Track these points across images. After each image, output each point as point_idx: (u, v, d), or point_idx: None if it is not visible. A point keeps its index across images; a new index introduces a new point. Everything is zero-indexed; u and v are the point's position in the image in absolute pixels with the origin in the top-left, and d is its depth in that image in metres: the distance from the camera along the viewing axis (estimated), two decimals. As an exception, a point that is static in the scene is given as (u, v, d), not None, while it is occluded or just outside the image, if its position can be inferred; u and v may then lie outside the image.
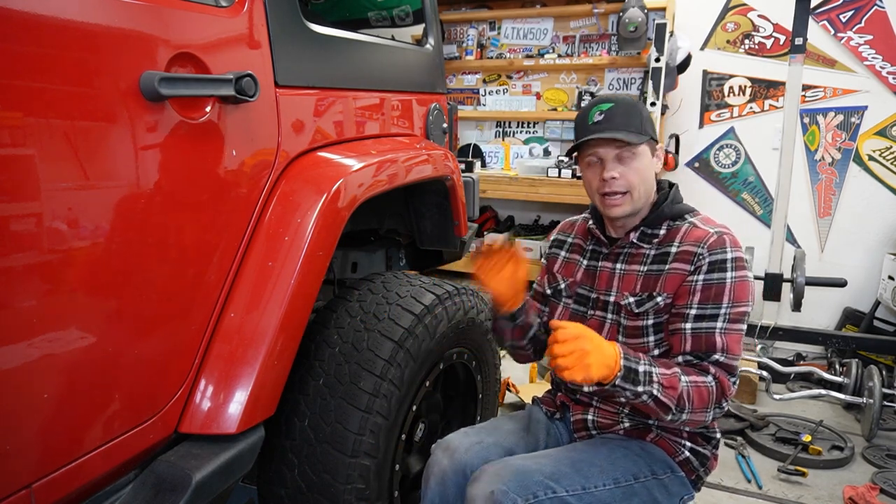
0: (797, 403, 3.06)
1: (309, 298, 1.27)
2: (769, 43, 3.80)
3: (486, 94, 4.46)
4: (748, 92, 3.89)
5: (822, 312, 3.78)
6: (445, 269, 2.88)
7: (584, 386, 1.35)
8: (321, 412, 1.33)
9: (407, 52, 1.95)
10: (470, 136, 4.54)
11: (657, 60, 3.46)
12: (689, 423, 1.22)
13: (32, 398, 0.89)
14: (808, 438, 2.57)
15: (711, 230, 1.28)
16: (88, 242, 0.94)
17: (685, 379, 1.18)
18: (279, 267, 1.22)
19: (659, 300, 1.29)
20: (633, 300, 1.32)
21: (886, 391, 2.66)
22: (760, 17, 3.79)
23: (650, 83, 3.50)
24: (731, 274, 1.24)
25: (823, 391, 2.84)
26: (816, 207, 3.82)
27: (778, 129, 3.43)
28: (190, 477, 1.05)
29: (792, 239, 3.82)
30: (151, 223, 1.03)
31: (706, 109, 4.00)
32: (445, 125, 2.09)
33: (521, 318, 1.43)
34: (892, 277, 3.34)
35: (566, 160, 3.77)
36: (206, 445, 1.13)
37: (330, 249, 1.32)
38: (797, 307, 3.01)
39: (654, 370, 1.16)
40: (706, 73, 3.95)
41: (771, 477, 2.40)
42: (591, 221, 1.46)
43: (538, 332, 1.49)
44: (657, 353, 1.31)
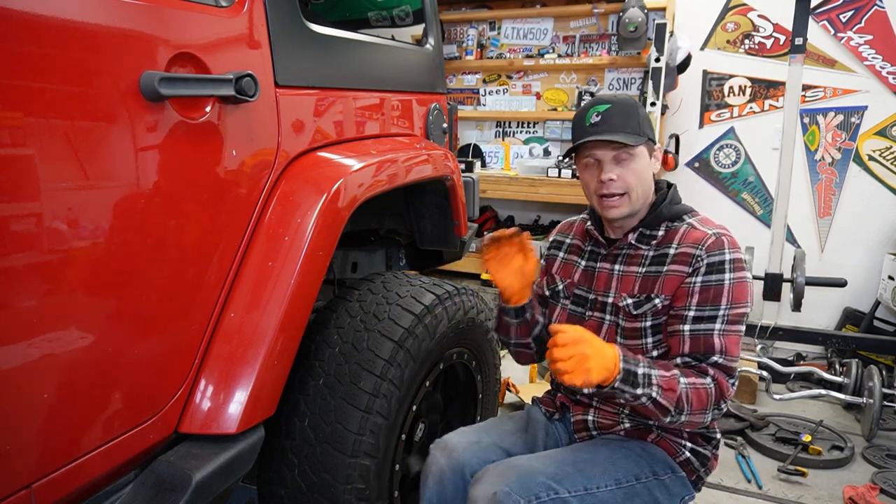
0: (797, 403, 3.06)
1: (309, 298, 1.27)
2: (769, 43, 3.80)
3: (486, 94, 4.46)
4: (748, 92, 3.88)
5: (822, 312, 3.78)
6: (445, 269, 2.88)
7: (583, 389, 1.35)
8: (321, 412, 1.33)
9: (407, 52, 1.95)
10: (470, 136, 4.54)
11: (657, 60, 3.45)
12: (687, 424, 1.22)
13: (32, 398, 0.89)
14: (808, 438, 2.57)
15: (710, 231, 1.28)
16: (88, 242, 0.94)
17: (684, 381, 1.18)
18: (279, 267, 1.22)
19: (657, 302, 1.29)
20: (631, 302, 1.32)
21: (886, 391, 2.66)
22: (760, 17, 3.79)
23: (650, 83, 3.50)
24: (729, 275, 1.23)
25: (823, 391, 2.84)
26: (816, 207, 3.82)
27: (778, 129, 3.43)
28: (190, 477, 1.05)
29: (792, 239, 3.82)
30: (151, 223, 1.03)
31: (706, 109, 3.99)
32: (445, 125, 2.09)
33: (527, 312, 1.43)
34: (892, 277, 3.34)
35: (565, 161, 3.77)
36: (206, 445, 1.13)
37: (330, 249, 1.32)
38: (797, 307, 3.01)
39: (653, 372, 1.16)
40: (706, 73, 3.95)
41: (771, 477, 2.40)
42: (589, 222, 1.46)
43: (542, 331, 1.49)
44: (655, 354, 1.31)
